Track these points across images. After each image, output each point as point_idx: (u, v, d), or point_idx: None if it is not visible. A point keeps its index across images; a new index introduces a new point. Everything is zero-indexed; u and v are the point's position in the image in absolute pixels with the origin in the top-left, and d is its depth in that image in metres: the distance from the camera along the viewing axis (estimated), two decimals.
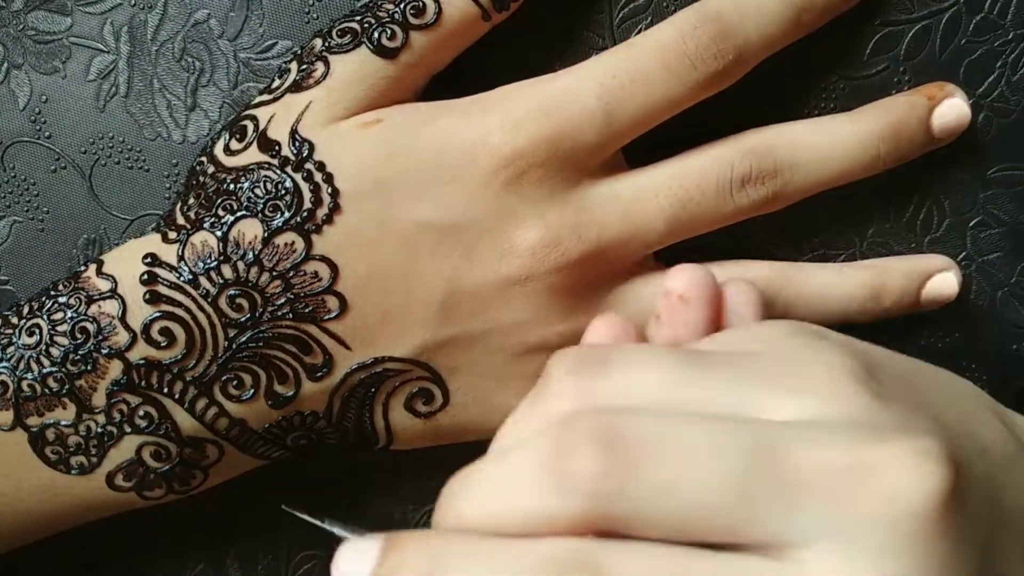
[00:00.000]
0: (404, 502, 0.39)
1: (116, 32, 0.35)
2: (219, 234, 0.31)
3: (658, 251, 0.34)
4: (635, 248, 0.33)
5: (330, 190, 0.31)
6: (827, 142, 0.34)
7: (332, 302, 0.31)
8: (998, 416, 0.29)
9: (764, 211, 0.34)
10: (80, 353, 0.31)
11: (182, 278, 0.31)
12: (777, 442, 0.23)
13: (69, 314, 0.31)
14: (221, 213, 0.31)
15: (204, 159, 0.33)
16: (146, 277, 0.31)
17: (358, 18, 0.32)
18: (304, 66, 0.33)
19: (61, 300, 0.32)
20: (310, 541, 0.37)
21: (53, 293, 0.32)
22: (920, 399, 0.26)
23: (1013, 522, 0.27)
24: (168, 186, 0.35)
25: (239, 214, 0.31)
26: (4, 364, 0.31)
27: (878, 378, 0.25)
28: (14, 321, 0.32)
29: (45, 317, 0.31)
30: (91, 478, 0.32)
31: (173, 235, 0.32)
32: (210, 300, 0.31)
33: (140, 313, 0.31)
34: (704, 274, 0.29)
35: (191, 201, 0.32)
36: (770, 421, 0.24)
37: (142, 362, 0.31)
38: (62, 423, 0.31)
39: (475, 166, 0.31)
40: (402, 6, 0.32)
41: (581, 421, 0.23)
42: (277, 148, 0.31)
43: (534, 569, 0.22)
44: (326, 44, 0.32)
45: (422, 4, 0.32)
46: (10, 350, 0.31)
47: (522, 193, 0.32)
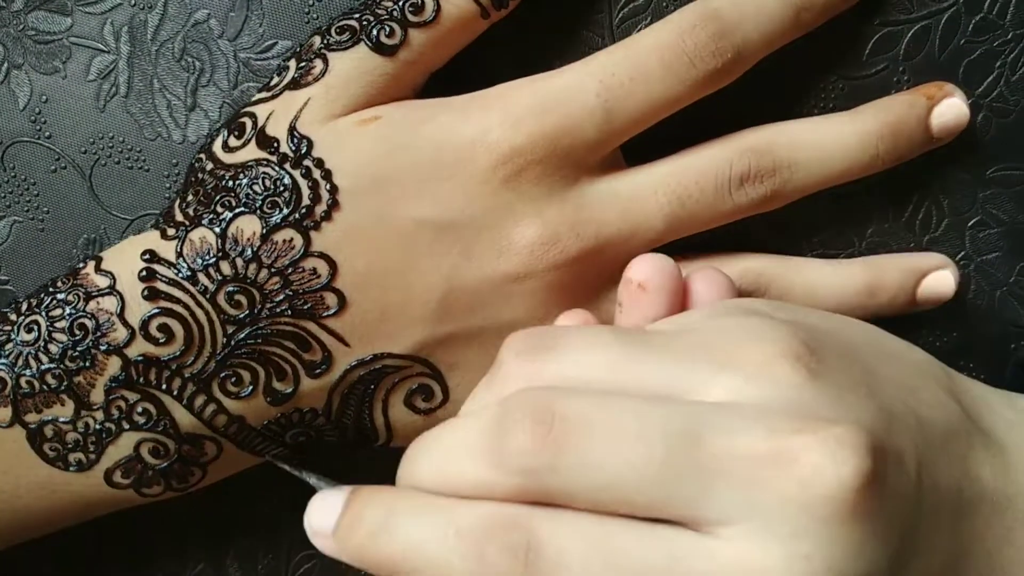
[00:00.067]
0: None
1: (116, 32, 0.35)
2: (218, 230, 0.31)
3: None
4: (634, 246, 0.33)
5: (328, 187, 0.31)
6: (826, 141, 0.34)
7: (331, 299, 0.31)
8: (947, 389, 0.30)
9: (763, 209, 0.34)
10: (78, 349, 0.31)
11: (181, 274, 0.31)
12: (701, 428, 0.24)
13: (67, 310, 0.31)
14: (220, 210, 0.31)
15: (203, 156, 0.33)
16: (145, 274, 0.31)
17: (357, 15, 0.32)
18: (303, 63, 0.33)
19: (60, 296, 0.31)
20: (310, 541, 0.36)
21: (52, 290, 0.32)
22: (862, 374, 0.27)
23: (945, 502, 0.27)
24: (168, 186, 0.35)
25: (238, 211, 0.31)
26: (2, 361, 0.31)
27: (819, 355, 0.26)
28: (12, 318, 0.32)
29: (43, 314, 0.31)
30: (89, 475, 0.32)
31: (172, 232, 0.32)
32: (209, 296, 0.31)
33: (139, 309, 0.31)
34: (664, 263, 0.30)
35: (190, 198, 0.32)
36: (700, 403, 0.25)
37: (140, 358, 0.31)
38: (60, 420, 0.31)
39: (474, 163, 0.31)
40: (401, 4, 0.32)
41: (519, 399, 0.26)
42: (276, 145, 0.32)
43: (471, 528, 0.25)
44: (325, 41, 0.32)
45: (421, 2, 0.32)
46: (8, 347, 0.31)
47: (521, 190, 0.32)
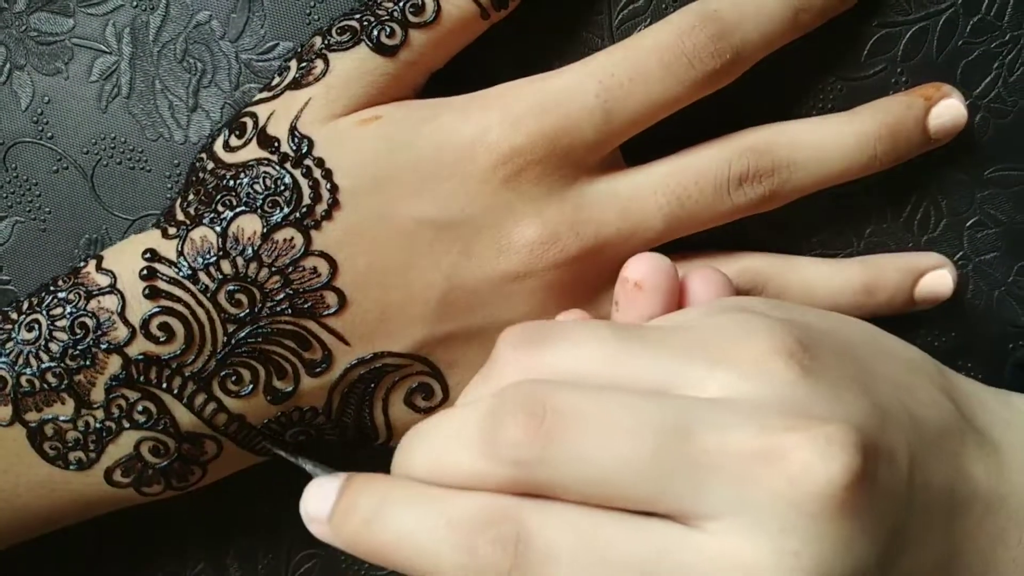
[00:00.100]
0: None
1: (118, 33, 0.35)
2: (218, 230, 0.31)
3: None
4: (633, 245, 0.33)
5: (329, 186, 0.31)
6: (825, 141, 0.34)
7: (331, 298, 0.31)
8: (942, 388, 0.30)
9: (761, 209, 0.34)
10: (79, 348, 0.31)
11: (181, 273, 0.31)
12: (693, 423, 0.25)
13: (68, 309, 0.31)
14: (220, 209, 0.31)
15: (204, 155, 0.33)
16: (145, 272, 0.31)
17: (358, 16, 0.32)
18: (304, 63, 0.33)
19: (60, 295, 0.32)
20: (310, 541, 0.36)
21: (52, 289, 0.32)
22: (856, 372, 0.27)
23: (937, 501, 0.27)
24: (170, 186, 0.35)
25: (238, 210, 0.31)
26: (3, 359, 0.31)
27: (813, 352, 0.26)
28: (13, 317, 0.32)
29: (44, 312, 0.31)
30: (89, 474, 0.32)
31: (173, 231, 0.32)
32: (209, 295, 0.31)
33: (139, 308, 0.31)
34: (660, 262, 0.30)
35: (191, 197, 0.32)
36: (694, 399, 0.25)
37: (141, 357, 0.31)
38: (61, 418, 0.31)
39: (473, 163, 0.31)
40: (401, 4, 0.32)
41: (513, 392, 0.26)
42: (276, 144, 0.32)
43: (462, 519, 0.25)
44: (326, 42, 0.33)
45: (421, 2, 0.32)
46: (9, 345, 0.31)
47: (520, 190, 0.32)
